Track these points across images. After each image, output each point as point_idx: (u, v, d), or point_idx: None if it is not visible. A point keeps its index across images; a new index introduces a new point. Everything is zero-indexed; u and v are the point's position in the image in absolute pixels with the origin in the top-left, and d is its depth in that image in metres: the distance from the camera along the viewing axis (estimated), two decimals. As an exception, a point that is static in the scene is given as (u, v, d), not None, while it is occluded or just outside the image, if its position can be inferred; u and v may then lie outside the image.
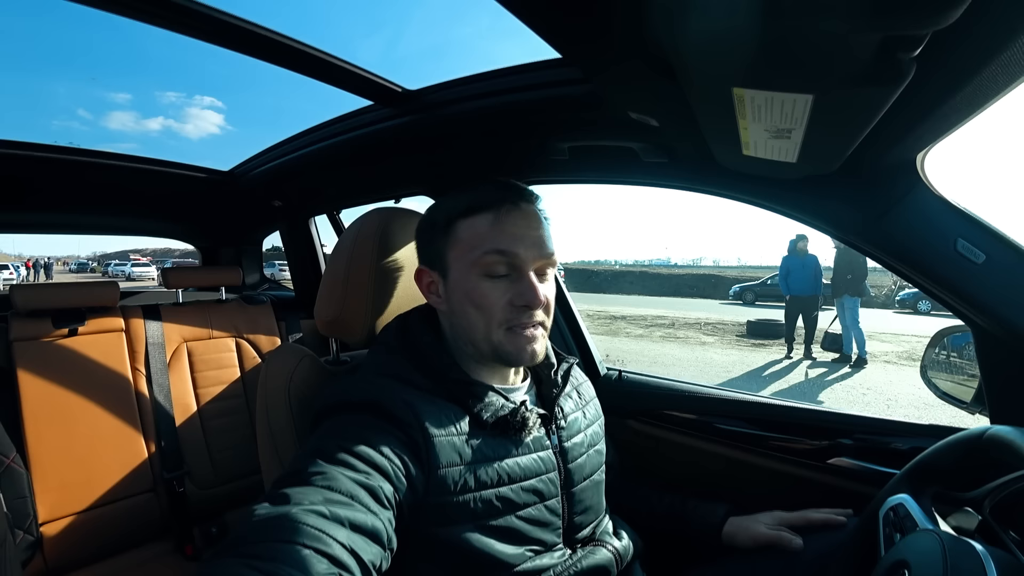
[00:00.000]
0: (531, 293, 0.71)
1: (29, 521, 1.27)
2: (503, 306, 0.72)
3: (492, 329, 0.72)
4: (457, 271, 0.74)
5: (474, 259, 0.71)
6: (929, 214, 0.76)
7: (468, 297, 0.72)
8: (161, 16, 0.80)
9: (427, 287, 0.79)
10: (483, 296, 0.72)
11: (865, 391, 5.38)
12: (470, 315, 0.73)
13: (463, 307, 0.73)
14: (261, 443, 0.85)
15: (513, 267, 0.72)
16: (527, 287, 0.72)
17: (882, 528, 0.71)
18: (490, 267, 0.71)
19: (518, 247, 0.71)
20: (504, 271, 0.72)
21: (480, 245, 0.71)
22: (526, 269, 0.72)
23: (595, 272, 31.48)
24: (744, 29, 0.38)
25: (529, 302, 0.71)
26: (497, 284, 0.72)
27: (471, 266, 0.72)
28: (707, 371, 6.50)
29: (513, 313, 0.72)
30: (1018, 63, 0.46)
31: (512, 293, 0.72)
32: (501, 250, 0.71)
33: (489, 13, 47.37)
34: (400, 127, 1.10)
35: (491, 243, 0.71)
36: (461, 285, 0.73)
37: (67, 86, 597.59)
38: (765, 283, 18.42)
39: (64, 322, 1.47)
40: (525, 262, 0.72)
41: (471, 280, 0.72)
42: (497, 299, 0.72)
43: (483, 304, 0.72)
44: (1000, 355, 0.79)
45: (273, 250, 17.97)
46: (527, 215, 0.74)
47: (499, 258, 0.71)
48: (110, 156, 1.51)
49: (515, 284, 0.72)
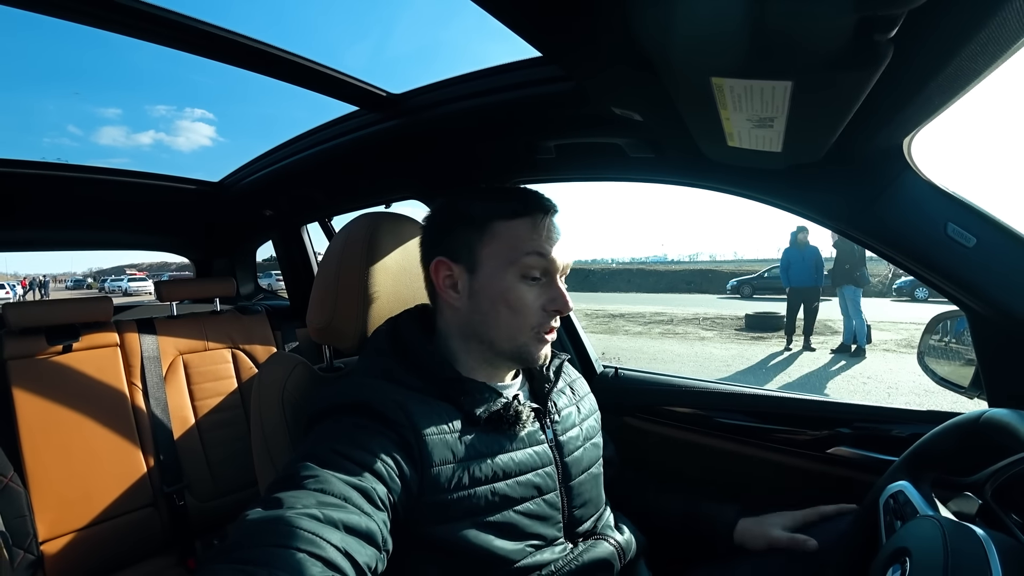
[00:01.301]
0: (563, 299, 0.74)
1: (29, 540, 1.26)
2: (536, 310, 0.74)
3: (523, 332, 0.74)
4: (491, 268, 0.74)
5: (513, 259, 0.72)
6: (918, 199, 0.76)
7: (502, 297, 0.73)
8: (148, 31, 0.80)
9: (443, 280, 0.77)
10: (519, 299, 0.73)
11: (865, 380, 5.39)
12: (500, 315, 0.73)
13: (493, 306, 0.74)
14: (256, 451, 0.85)
15: (547, 272, 0.74)
16: (559, 293, 0.74)
17: (883, 516, 0.70)
18: (529, 269, 0.73)
19: (555, 253, 0.74)
20: (538, 275, 0.74)
21: (521, 247, 0.72)
22: (556, 275, 0.75)
23: (592, 271, 31.46)
24: (718, 18, 0.38)
25: (561, 307, 0.74)
26: (532, 288, 0.74)
27: (509, 266, 0.73)
28: (707, 366, 6.50)
29: (544, 318, 0.74)
30: (996, 43, 0.46)
31: (545, 299, 0.74)
32: (542, 253, 0.73)
33: (474, 15, 45.24)
34: (386, 131, 1.10)
35: (533, 246, 0.73)
36: (494, 284, 0.73)
37: (56, 103, 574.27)
38: (762, 276, 18.42)
39: (58, 339, 1.47)
40: (557, 268, 0.75)
41: (507, 280, 0.73)
42: (532, 302, 0.73)
43: (519, 307, 0.73)
44: (995, 338, 0.78)
45: (269, 260, 17.96)
46: (557, 224, 0.77)
47: (540, 261, 0.73)
48: (100, 171, 1.51)
49: (547, 289, 0.75)
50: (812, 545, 0.82)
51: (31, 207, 1.55)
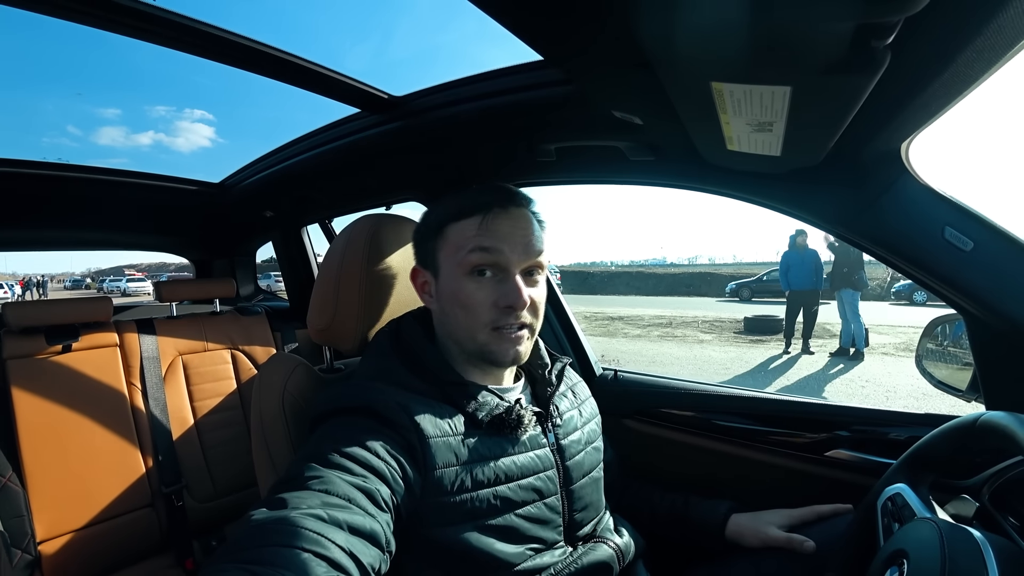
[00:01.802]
0: (515, 294, 0.71)
1: (27, 540, 1.26)
2: (488, 307, 0.72)
3: (477, 329, 0.73)
4: (446, 271, 0.75)
5: (460, 259, 0.72)
6: (916, 203, 0.77)
7: (455, 297, 0.73)
8: (150, 31, 0.80)
9: (421, 287, 0.80)
10: (468, 296, 0.72)
11: (864, 383, 5.39)
12: (457, 315, 0.74)
13: (451, 307, 0.74)
14: (256, 453, 0.85)
15: (499, 267, 0.72)
16: (511, 288, 0.72)
17: (880, 518, 0.70)
18: (474, 265, 0.72)
19: (502, 245, 0.71)
20: (489, 271, 0.72)
21: (465, 245, 0.72)
22: (512, 270, 0.72)
23: (591, 274, 31.42)
24: (718, 23, 0.39)
25: (513, 303, 0.71)
26: (483, 285, 0.72)
27: (457, 266, 0.73)
28: (706, 369, 6.50)
29: (498, 314, 0.72)
30: (992, 48, 0.46)
31: (497, 294, 0.72)
32: (484, 247, 0.71)
33: (474, 18, 47.40)
34: (387, 133, 1.10)
35: (475, 241, 0.71)
36: (449, 285, 0.74)
37: (56, 102, 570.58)
38: (761, 279, 18.40)
39: (58, 339, 1.46)
40: (510, 262, 0.72)
41: (458, 280, 0.73)
42: (483, 299, 0.72)
43: (468, 304, 0.72)
44: (992, 342, 0.79)
45: (269, 261, 17.93)
46: (515, 217, 0.74)
47: (483, 255, 0.71)
48: (100, 171, 1.51)
49: (500, 285, 0.72)
50: (810, 546, 0.82)
51: (31, 207, 1.55)
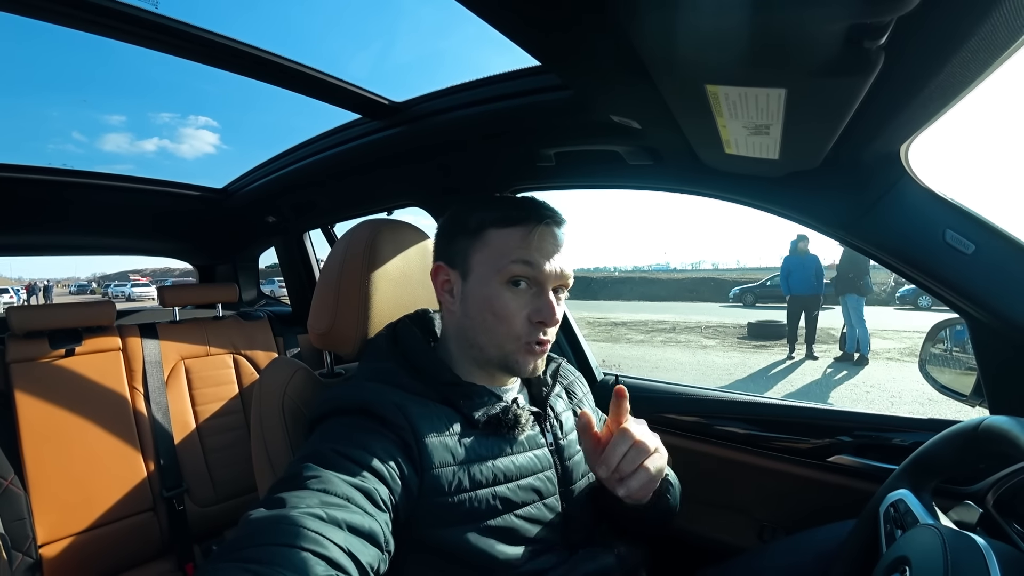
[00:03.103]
0: (548, 310, 0.72)
1: (28, 543, 1.26)
2: (522, 319, 0.72)
3: (508, 340, 0.73)
4: (480, 275, 0.74)
5: (501, 266, 0.72)
6: (916, 206, 0.76)
7: (488, 303, 0.72)
8: (156, 40, 0.81)
9: (442, 285, 0.79)
10: (504, 306, 0.72)
11: (869, 388, 5.36)
12: (487, 321, 0.73)
13: (480, 312, 0.73)
14: (256, 456, 0.85)
15: (535, 282, 0.73)
16: (546, 304, 0.72)
17: (883, 525, 0.70)
18: (515, 276, 0.72)
19: (543, 262, 0.72)
20: (524, 283, 0.72)
21: (509, 254, 0.72)
22: (547, 286, 0.73)
23: (594, 279, 31.39)
24: (711, 26, 0.39)
25: (546, 319, 0.72)
26: (518, 296, 0.72)
27: (496, 273, 0.72)
28: (709, 374, 6.47)
29: (529, 329, 0.72)
30: (987, 49, 0.46)
31: (531, 308, 0.72)
32: (529, 261, 0.71)
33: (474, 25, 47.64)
34: (388, 139, 1.11)
35: (520, 253, 0.71)
36: (482, 290, 0.73)
37: (61, 109, 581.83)
38: (764, 284, 18.34)
39: (61, 342, 1.47)
40: (547, 279, 0.72)
41: (493, 287, 0.72)
42: (516, 311, 0.72)
43: (503, 314, 0.72)
44: (995, 346, 0.78)
45: (273, 267, 17.96)
46: (555, 236, 0.75)
47: (525, 269, 0.71)
48: (105, 176, 1.53)
49: (535, 299, 0.73)
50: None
51: (37, 212, 1.56)
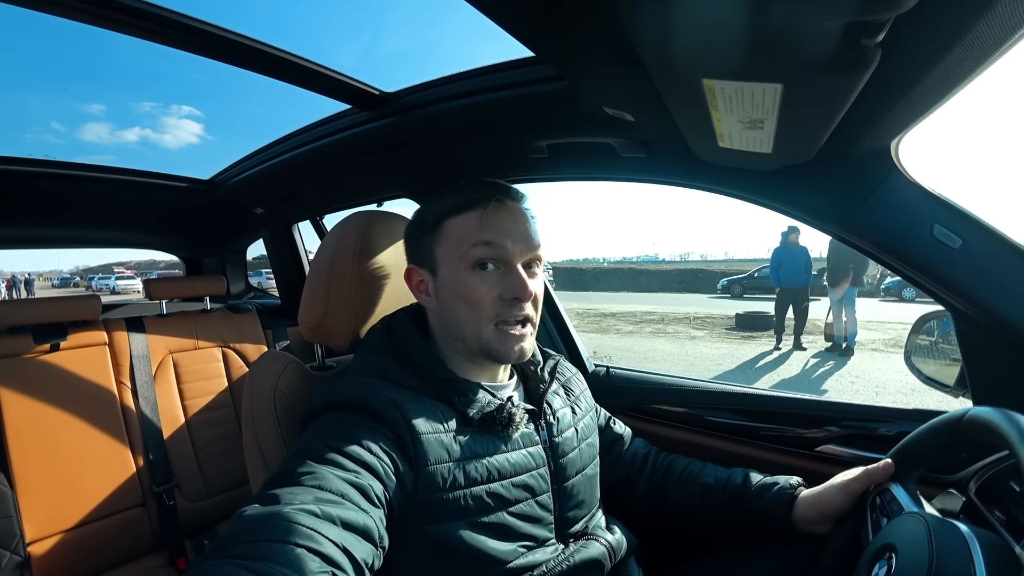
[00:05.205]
0: (520, 285, 0.72)
1: (16, 541, 1.25)
2: (493, 300, 0.72)
3: (482, 325, 0.73)
4: (446, 267, 0.74)
5: (462, 253, 0.72)
6: (905, 201, 0.77)
7: (458, 292, 0.73)
8: (140, 27, 0.79)
9: (417, 286, 0.79)
10: (473, 290, 0.72)
11: (854, 379, 5.44)
12: (460, 311, 0.73)
13: (454, 303, 0.74)
14: (247, 451, 0.85)
15: (501, 260, 0.73)
16: (516, 280, 0.72)
17: (869, 513, 0.71)
18: (478, 259, 0.72)
19: (505, 239, 0.72)
20: (492, 265, 0.73)
21: (468, 239, 0.72)
22: (514, 262, 0.73)
23: (583, 270, 31.44)
24: (709, 20, 0.39)
25: (519, 294, 0.72)
26: (486, 278, 0.72)
27: (459, 260, 0.72)
28: (697, 365, 6.53)
29: (503, 307, 0.72)
30: (982, 47, 0.47)
31: (502, 287, 0.72)
32: (488, 241, 0.71)
33: (464, 13, 46.91)
34: (378, 130, 1.10)
35: (478, 235, 0.71)
36: (451, 281, 0.73)
37: (39, 99, 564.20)
38: (752, 276, 18.50)
39: (45, 337, 1.45)
40: (513, 255, 0.73)
41: (460, 274, 0.72)
42: (487, 293, 0.72)
43: (473, 298, 0.72)
44: (979, 338, 0.79)
45: (260, 259, 17.79)
46: (513, 211, 0.74)
47: (487, 249, 0.71)
48: (87, 168, 1.49)
49: (504, 278, 0.73)
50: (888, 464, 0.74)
51: (16, 204, 1.53)
